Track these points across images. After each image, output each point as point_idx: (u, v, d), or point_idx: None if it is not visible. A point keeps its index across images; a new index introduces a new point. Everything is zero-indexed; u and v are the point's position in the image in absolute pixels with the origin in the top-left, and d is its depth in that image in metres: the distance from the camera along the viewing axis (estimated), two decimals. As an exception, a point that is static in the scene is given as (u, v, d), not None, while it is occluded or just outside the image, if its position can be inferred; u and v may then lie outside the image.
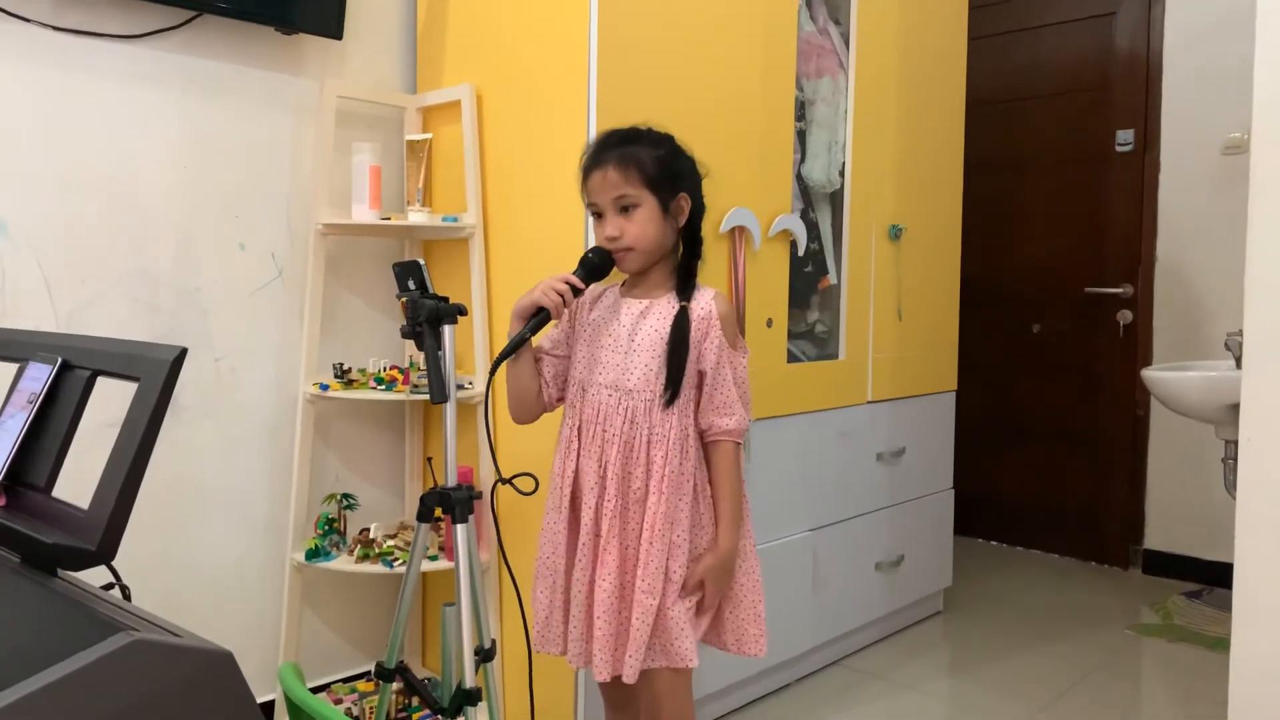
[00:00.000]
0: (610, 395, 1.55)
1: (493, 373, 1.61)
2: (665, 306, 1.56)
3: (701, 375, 1.55)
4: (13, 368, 1.13)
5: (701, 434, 1.58)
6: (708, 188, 1.64)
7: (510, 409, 1.66)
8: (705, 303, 1.55)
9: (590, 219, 1.94)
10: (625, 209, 1.53)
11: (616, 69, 1.95)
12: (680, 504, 1.54)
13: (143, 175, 1.98)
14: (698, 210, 1.60)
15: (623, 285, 1.64)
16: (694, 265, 1.59)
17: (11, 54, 1.82)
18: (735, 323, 1.61)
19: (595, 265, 1.56)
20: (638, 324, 1.56)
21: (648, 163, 1.52)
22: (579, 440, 1.58)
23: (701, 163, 1.61)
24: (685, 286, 1.56)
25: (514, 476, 1.65)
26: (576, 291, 1.54)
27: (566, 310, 1.57)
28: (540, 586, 1.62)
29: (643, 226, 1.52)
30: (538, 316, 1.54)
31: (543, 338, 1.64)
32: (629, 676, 1.51)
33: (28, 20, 1.83)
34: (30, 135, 1.85)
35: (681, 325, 1.52)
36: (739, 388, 1.57)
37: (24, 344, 1.14)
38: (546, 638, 1.62)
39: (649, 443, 1.53)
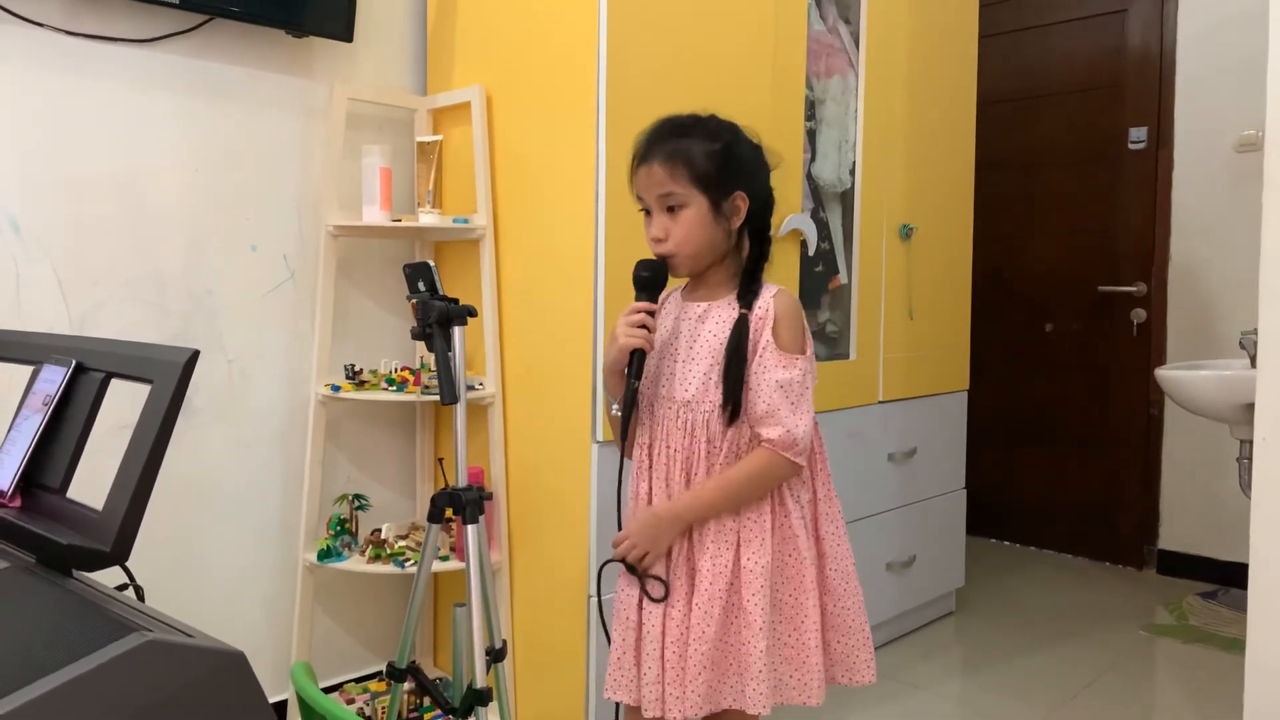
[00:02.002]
0: (669, 408, 1.44)
1: (624, 438, 1.47)
2: (725, 310, 1.43)
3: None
4: (28, 370, 1.14)
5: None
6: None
7: (628, 451, 1.52)
8: (764, 302, 1.41)
9: (602, 220, 1.97)
10: (672, 208, 1.40)
11: (625, 69, 1.95)
12: (753, 525, 1.40)
13: (154, 178, 2.00)
14: (763, 206, 1.45)
15: (684, 288, 1.52)
16: (759, 268, 1.45)
17: (25, 58, 1.83)
18: (798, 320, 1.42)
19: (650, 280, 1.44)
20: (696, 330, 1.44)
21: (698, 159, 1.38)
22: (649, 459, 1.46)
23: (772, 151, 1.47)
24: (747, 291, 1.42)
25: (647, 578, 1.44)
26: (652, 314, 1.43)
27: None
28: (616, 623, 1.47)
29: (688, 229, 1.39)
30: (634, 361, 1.42)
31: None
32: (690, 711, 1.37)
33: (40, 25, 1.85)
34: (43, 138, 1.86)
35: (740, 334, 1.39)
36: (787, 394, 1.37)
37: (38, 346, 1.15)
38: (618, 682, 1.45)
39: (707, 457, 1.41)
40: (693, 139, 1.40)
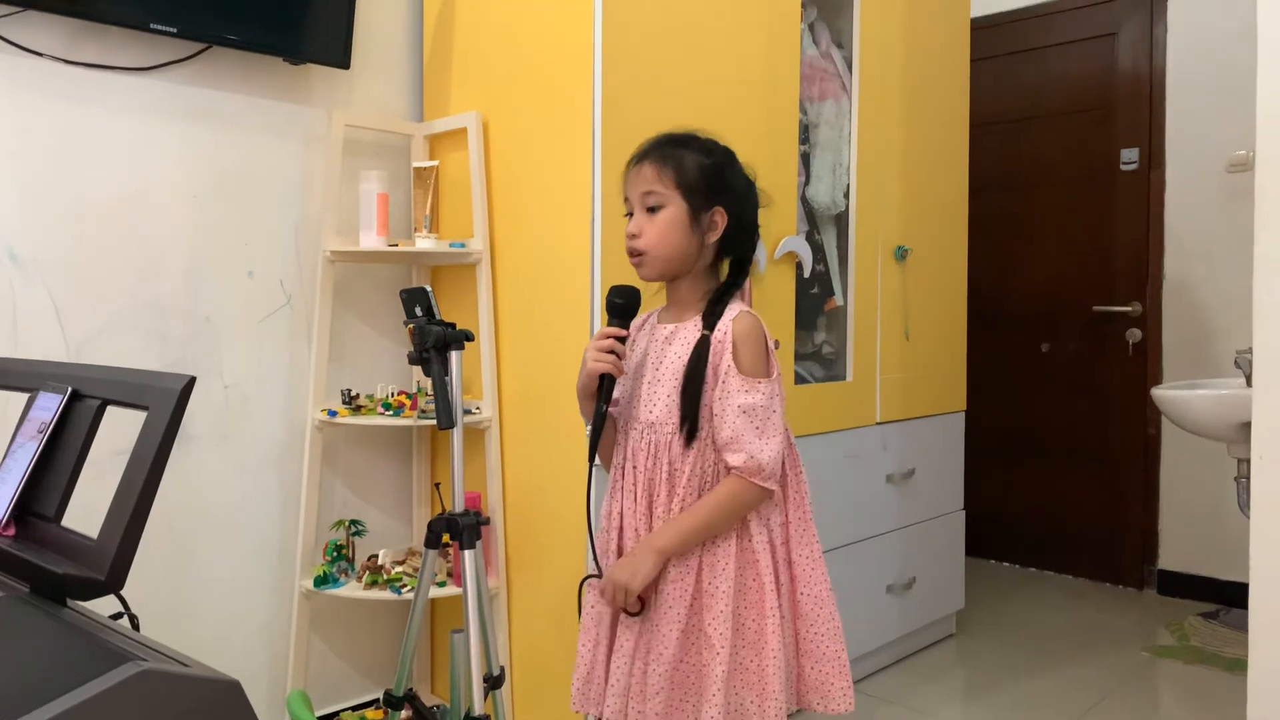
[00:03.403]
0: (637, 429, 1.45)
1: (591, 461, 1.50)
2: (691, 331, 1.43)
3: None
4: (23, 397, 1.14)
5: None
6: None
7: (608, 470, 1.55)
8: (724, 323, 1.41)
9: (598, 244, 1.98)
10: (652, 209, 1.41)
11: (621, 94, 1.97)
12: (716, 548, 1.39)
13: (153, 205, 2.00)
14: (744, 234, 1.46)
15: (661, 310, 1.53)
16: (728, 292, 1.45)
17: (25, 87, 1.85)
18: (759, 342, 1.41)
19: (621, 306, 1.45)
20: (663, 351, 1.45)
21: (688, 165, 1.41)
22: (621, 480, 1.47)
23: (764, 192, 1.49)
24: (712, 312, 1.42)
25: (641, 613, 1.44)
26: (622, 339, 1.43)
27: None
28: (584, 639, 1.49)
29: (662, 230, 1.40)
30: (603, 386, 1.43)
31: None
32: None
33: (40, 54, 1.86)
34: (42, 166, 1.87)
35: (699, 355, 1.39)
36: (752, 419, 1.37)
37: (34, 374, 1.15)
38: (587, 696, 1.47)
39: (669, 478, 1.41)
40: (687, 149, 1.43)
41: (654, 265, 1.43)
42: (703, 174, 1.41)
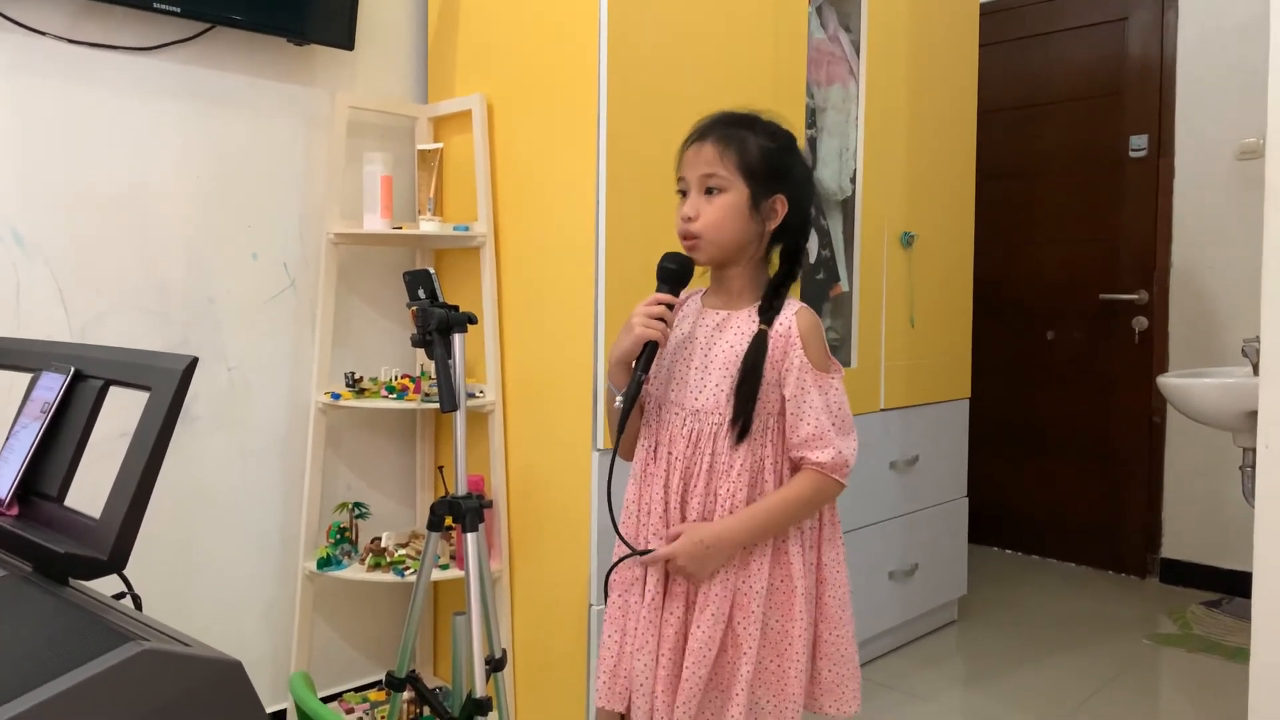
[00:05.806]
0: (677, 414, 1.40)
1: (620, 431, 1.43)
2: (745, 321, 1.39)
3: (784, 401, 1.36)
4: (26, 378, 1.14)
5: (795, 465, 1.38)
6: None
7: (621, 450, 1.47)
8: (785, 318, 1.36)
9: (603, 228, 1.97)
10: (710, 190, 1.36)
11: (627, 77, 1.95)
12: (755, 549, 1.36)
13: (156, 186, 2.00)
14: (799, 224, 1.41)
15: (705, 293, 1.48)
16: (785, 285, 1.40)
17: (27, 67, 1.84)
18: (822, 337, 1.39)
19: (674, 273, 1.39)
20: (714, 338, 1.40)
21: (751, 149, 1.35)
22: (653, 464, 1.42)
23: (821, 182, 1.44)
24: (769, 306, 1.38)
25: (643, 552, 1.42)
26: (671, 307, 1.39)
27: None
28: (610, 629, 1.45)
29: (720, 214, 1.35)
30: (645, 353, 1.37)
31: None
32: None
33: (44, 34, 1.85)
34: (45, 147, 1.86)
35: (757, 351, 1.35)
36: (832, 415, 1.35)
37: (37, 354, 1.15)
38: (614, 690, 1.42)
39: (709, 470, 1.36)
40: (751, 132, 1.38)
41: (708, 250, 1.38)
42: (766, 159, 1.36)
